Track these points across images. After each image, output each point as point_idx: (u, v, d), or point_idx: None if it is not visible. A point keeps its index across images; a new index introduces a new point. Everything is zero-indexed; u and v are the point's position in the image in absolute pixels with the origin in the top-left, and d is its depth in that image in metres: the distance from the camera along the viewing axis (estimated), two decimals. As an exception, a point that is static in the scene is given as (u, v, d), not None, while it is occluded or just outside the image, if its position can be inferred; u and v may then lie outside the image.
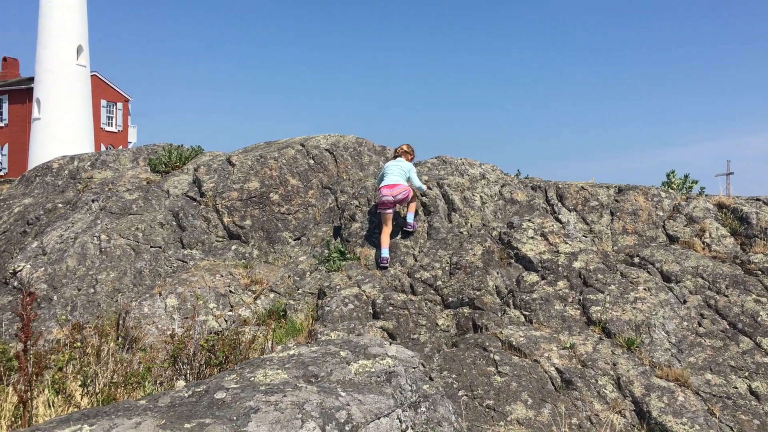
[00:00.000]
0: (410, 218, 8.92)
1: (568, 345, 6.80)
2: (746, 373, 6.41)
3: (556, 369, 6.47)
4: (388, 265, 8.53)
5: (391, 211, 8.63)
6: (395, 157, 9.21)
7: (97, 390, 4.40)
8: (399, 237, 8.86)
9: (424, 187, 9.19)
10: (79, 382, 4.50)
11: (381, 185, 8.71)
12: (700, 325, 7.03)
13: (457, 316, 7.49)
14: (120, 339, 6.57)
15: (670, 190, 9.31)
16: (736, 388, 6.26)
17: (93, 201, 10.30)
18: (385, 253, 8.58)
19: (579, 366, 6.53)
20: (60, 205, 10.59)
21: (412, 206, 8.96)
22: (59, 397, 4.46)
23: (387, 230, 8.69)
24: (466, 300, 7.62)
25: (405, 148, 9.24)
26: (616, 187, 9.36)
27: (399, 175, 8.73)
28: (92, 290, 8.50)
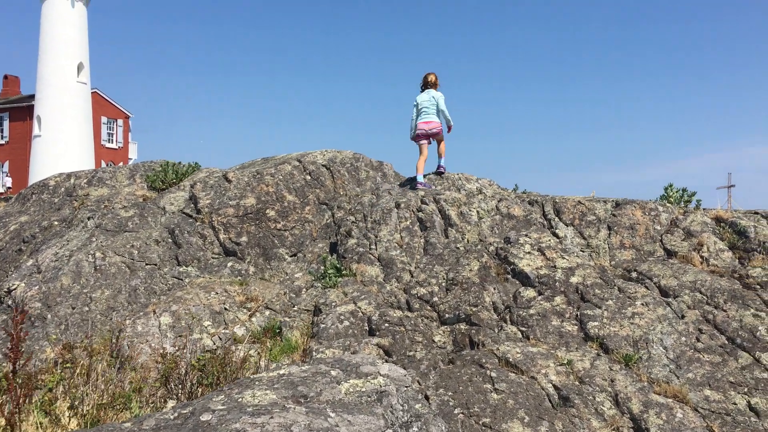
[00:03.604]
0: (442, 162, 10.43)
1: (565, 361, 6.73)
2: (745, 389, 6.34)
3: (554, 386, 6.40)
4: (421, 188, 9.86)
5: (425, 141, 10.04)
6: (424, 89, 10.12)
7: (85, 412, 4.33)
8: (395, 252, 8.81)
9: (449, 116, 10.12)
10: (68, 404, 4.44)
11: (419, 120, 9.98)
12: (698, 340, 6.96)
13: (453, 332, 7.43)
14: (113, 358, 6.51)
15: (668, 204, 9.26)
16: (735, 404, 6.18)
17: (89, 218, 10.27)
18: (420, 178, 10.00)
19: (576, 383, 6.45)
20: (56, 223, 10.55)
21: (443, 150, 10.42)
22: (47, 419, 4.39)
23: (422, 158, 10.04)
24: (463, 316, 7.56)
25: (432, 79, 10.12)
26: (613, 201, 9.31)
27: (433, 113, 9.99)
28: (86, 308, 8.44)
